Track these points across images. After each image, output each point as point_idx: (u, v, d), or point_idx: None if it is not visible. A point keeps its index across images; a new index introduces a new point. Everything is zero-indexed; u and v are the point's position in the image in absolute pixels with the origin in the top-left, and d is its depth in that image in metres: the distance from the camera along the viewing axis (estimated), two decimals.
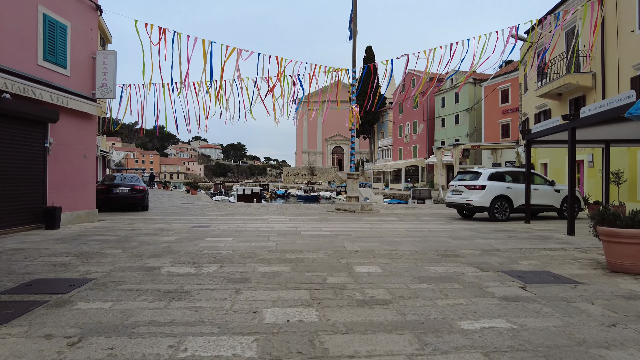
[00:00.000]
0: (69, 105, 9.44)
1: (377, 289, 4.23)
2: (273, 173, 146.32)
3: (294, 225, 10.47)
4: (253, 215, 13.18)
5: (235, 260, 5.69)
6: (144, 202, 14.83)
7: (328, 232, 9.13)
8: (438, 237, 8.38)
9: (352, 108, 15.84)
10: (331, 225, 10.60)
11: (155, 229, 9.35)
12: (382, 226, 10.38)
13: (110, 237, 7.83)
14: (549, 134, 10.00)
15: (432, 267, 5.41)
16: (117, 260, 5.66)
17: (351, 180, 16.02)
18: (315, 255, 6.18)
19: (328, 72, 15.76)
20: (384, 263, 5.61)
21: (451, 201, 12.99)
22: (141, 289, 4.15)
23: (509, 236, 8.69)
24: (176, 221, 11.15)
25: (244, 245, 7.06)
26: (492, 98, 35.42)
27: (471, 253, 6.57)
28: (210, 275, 4.78)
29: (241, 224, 10.63)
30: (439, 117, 42.68)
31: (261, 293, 4.05)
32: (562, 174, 17.95)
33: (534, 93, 20.99)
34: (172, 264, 5.45)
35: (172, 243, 7.19)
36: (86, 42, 10.45)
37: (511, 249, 7.01)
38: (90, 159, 10.67)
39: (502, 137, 34.44)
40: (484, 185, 12.07)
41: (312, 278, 4.69)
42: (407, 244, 7.36)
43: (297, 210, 15.54)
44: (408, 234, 8.91)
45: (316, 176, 74.00)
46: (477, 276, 4.91)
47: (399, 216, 13.47)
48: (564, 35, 17.83)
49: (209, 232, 8.86)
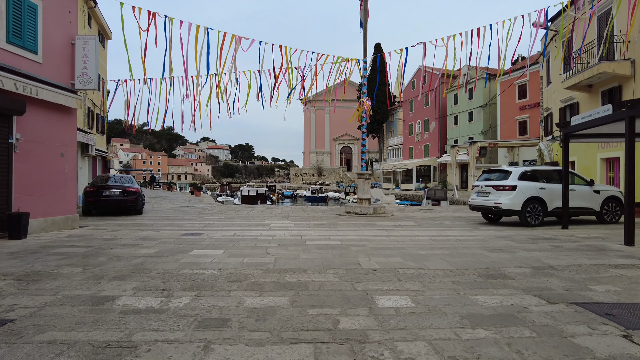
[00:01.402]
0: (40, 95, 8.21)
1: (415, 343, 2.86)
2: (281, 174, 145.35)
3: (299, 232, 9.14)
4: (254, 220, 11.87)
5: (218, 286, 4.36)
6: (136, 205, 13.62)
7: (338, 241, 7.78)
8: (470, 249, 6.97)
9: (363, 101, 14.46)
10: (341, 232, 9.24)
11: (138, 237, 8.08)
12: (400, 233, 9.00)
13: (78, 250, 6.56)
14: (596, 125, 8.52)
15: (479, 297, 4.03)
16: (66, 285, 4.38)
17: (362, 180, 14.63)
18: (323, 277, 4.82)
19: (336, 63, 14.42)
20: (414, 291, 4.24)
21: (476, 204, 11.53)
22: (67, 341, 2.84)
23: (553, 246, 7.25)
24: (166, 227, 9.89)
25: (235, 261, 5.74)
26: (508, 94, 33.75)
27: (520, 272, 5.17)
28: (177, 314, 3.46)
29: (238, 230, 9.33)
30: (452, 115, 41.03)
31: (241, 351, 2.71)
32: (591, 173, 16.37)
33: (559, 85, 19.40)
34: (135, 291, 4.15)
35: (149, 258, 5.90)
36: (63, 26, 9.23)
37: (568, 265, 5.59)
38: (69, 157, 9.45)
39: (520, 134, 32.75)
40: (515, 186, 10.61)
41: (319, 320, 3.33)
42: (436, 259, 5.98)
43: (303, 214, 14.21)
44: (433, 244, 7.52)
45: (324, 176, 72.66)
46: (548, 313, 3.53)
47: (416, 220, 12.06)
48: (595, 21, 16.25)
49: (198, 242, 7.56)
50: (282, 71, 13.83)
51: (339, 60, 14.43)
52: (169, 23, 11.07)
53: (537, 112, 30.95)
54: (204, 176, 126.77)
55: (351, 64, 14.59)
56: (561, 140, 10.87)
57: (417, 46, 14.13)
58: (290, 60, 13.47)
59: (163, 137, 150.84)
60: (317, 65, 14.27)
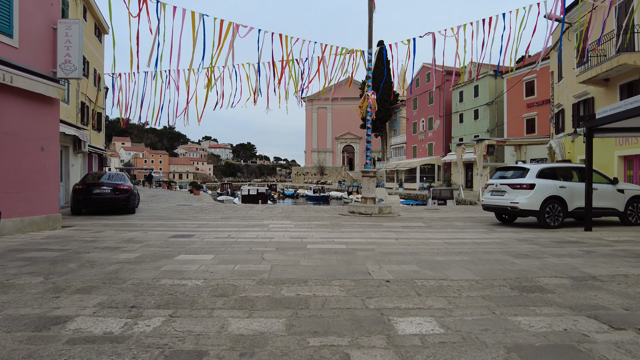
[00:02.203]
0: (16, 83, 7.45)
1: None
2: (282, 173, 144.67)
3: (299, 233, 8.36)
4: (252, 220, 11.10)
5: (199, 303, 3.59)
6: (128, 204, 12.86)
7: (342, 244, 7.00)
8: (492, 254, 6.19)
9: (368, 95, 13.66)
10: (345, 234, 8.46)
11: (122, 239, 7.32)
12: (410, 236, 8.21)
13: (49, 254, 5.80)
14: (630, 117, 7.71)
15: (521, 318, 3.24)
16: (15, 300, 3.61)
17: (367, 178, 13.84)
18: (328, 290, 4.04)
19: (341, 54, 13.62)
20: (439, 310, 3.45)
21: (490, 203, 10.72)
22: None
23: (584, 251, 6.45)
24: (156, 228, 9.13)
25: (225, 269, 4.96)
26: (515, 91, 32.87)
27: (558, 284, 4.39)
28: (140, 343, 2.69)
29: (234, 232, 8.56)
30: (457, 113, 40.17)
31: None
32: (607, 171, 15.50)
33: (572, 80, 18.56)
34: (98, 309, 3.38)
35: (126, 265, 5.13)
36: (43, 8, 8.48)
37: (612, 275, 4.79)
38: (51, 152, 8.70)
39: (527, 132, 31.89)
40: (533, 184, 9.80)
41: (323, 355, 2.55)
42: (456, 267, 5.19)
43: (305, 214, 13.43)
44: (449, 248, 6.73)
45: (326, 175, 71.85)
46: (619, 345, 2.74)
47: (425, 221, 11.27)
48: (613, 12, 15.40)
49: (187, 245, 6.79)
50: (283, 63, 13.08)
51: (343, 52, 13.64)
52: (161, 9, 10.31)
53: (546, 109, 30.06)
54: (206, 175, 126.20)
55: (356, 55, 13.80)
56: (584, 134, 10.05)
57: (425, 37, 13.36)
58: (291, 52, 12.68)
59: (165, 136, 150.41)
60: (320, 57, 13.50)
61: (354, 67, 13.99)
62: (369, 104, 13.71)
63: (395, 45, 13.79)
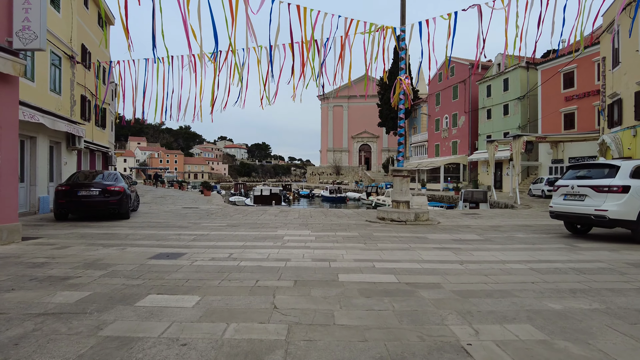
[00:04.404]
0: None
1: None
2: (297, 173, 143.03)
3: (324, 252, 6.26)
4: (263, 229, 9.06)
5: None
6: (120, 208, 10.97)
7: (389, 273, 4.87)
8: (625, 295, 3.97)
9: (402, 79, 11.48)
10: (386, 252, 6.32)
11: (84, 262, 5.35)
12: (476, 256, 6.02)
13: None
14: None
15: None
16: None
17: (399, 178, 11.67)
18: None
19: (370, 33, 11.46)
20: None
21: (564, 210, 8.40)
22: None
23: None
24: (141, 241, 7.15)
25: (209, 336, 2.89)
26: (551, 84, 30.09)
27: None
28: None
29: (238, 248, 6.52)
30: (484, 108, 37.45)
31: None
32: None
33: (635, 64, 15.98)
34: None
35: (49, 320, 3.11)
36: None
37: None
38: (6, 144, 6.82)
39: (565, 128, 29.10)
40: (627, 187, 7.47)
41: None
42: (606, 332, 3.00)
43: (325, 220, 11.33)
44: (546, 280, 4.52)
45: (342, 175, 69.63)
46: None
47: (476, 231, 9.04)
48: None
49: (168, 273, 4.77)
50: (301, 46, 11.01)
51: (372, 29, 11.49)
52: None
53: (588, 102, 27.27)
54: (221, 175, 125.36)
55: (386, 32, 11.63)
56: None
57: (469, 9, 11.14)
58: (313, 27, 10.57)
59: (180, 135, 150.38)
60: (343, 37, 11.39)
61: (384, 49, 11.85)
62: (402, 90, 11.53)
63: (434, 20, 11.59)
